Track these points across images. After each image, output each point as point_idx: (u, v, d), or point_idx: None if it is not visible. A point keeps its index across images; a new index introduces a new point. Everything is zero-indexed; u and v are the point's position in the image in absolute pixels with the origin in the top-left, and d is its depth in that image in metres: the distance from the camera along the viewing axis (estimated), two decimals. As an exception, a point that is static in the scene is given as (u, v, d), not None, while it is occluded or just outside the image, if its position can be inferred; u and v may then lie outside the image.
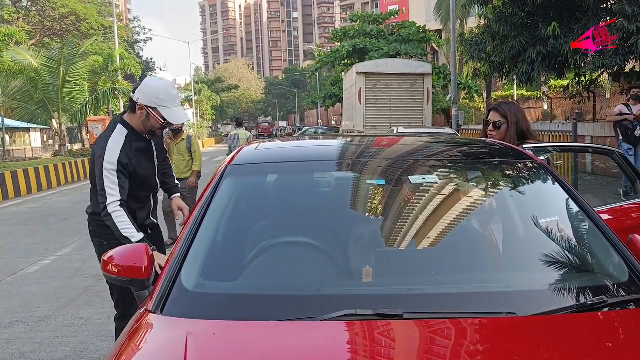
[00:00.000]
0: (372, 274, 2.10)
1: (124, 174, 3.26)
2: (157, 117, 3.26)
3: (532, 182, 2.61)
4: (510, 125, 3.66)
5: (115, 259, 2.25)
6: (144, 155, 3.44)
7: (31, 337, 4.93)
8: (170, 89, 3.32)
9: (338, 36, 34.21)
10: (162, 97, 3.24)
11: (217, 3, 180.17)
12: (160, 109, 3.24)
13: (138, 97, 3.26)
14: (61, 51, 23.13)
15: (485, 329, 1.73)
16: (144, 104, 3.24)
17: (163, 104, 3.24)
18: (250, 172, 2.58)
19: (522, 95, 31.03)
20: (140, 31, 63.69)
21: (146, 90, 3.25)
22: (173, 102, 3.29)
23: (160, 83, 3.34)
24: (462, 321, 1.74)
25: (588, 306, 1.82)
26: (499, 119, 3.68)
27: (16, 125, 30.06)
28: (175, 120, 3.29)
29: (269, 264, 2.23)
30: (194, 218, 2.26)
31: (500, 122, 3.67)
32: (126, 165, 3.27)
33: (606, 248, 2.16)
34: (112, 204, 3.20)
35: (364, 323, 1.72)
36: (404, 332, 1.70)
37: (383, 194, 2.46)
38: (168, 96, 3.26)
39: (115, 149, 3.26)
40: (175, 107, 3.29)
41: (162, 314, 1.85)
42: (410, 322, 1.72)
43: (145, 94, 3.24)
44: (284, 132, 60.08)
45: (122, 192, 3.24)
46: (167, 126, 3.40)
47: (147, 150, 3.48)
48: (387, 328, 1.71)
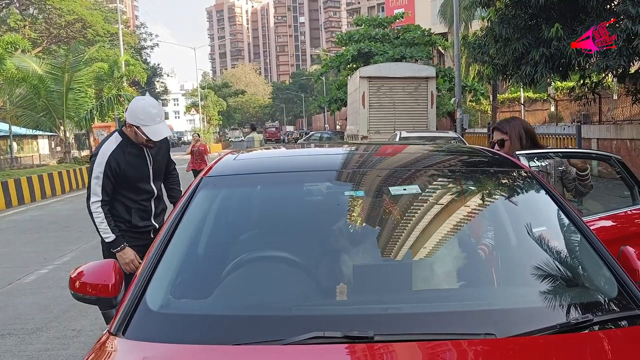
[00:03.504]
0: (347, 292, 2.00)
1: (109, 178, 3.63)
2: (142, 134, 3.61)
3: (520, 192, 2.50)
4: (513, 140, 3.84)
5: (84, 275, 2.16)
6: (136, 160, 3.75)
7: (21, 349, 4.86)
8: (150, 109, 3.64)
9: (343, 40, 34.14)
10: (141, 117, 3.59)
11: (224, 8, 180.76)
12: (142, 127, 3.59)
13: (126, 116, 3.70)
14: (66, 58, 23.16)
15: (461, 352, 1.63)
16: (129, 122, 3.63)
17: (144, 122, 3.59)
18: (226, 184, 2.48)
19: (528, 97, 30.84)
20: (147, 37, 64.08)
21: (130, 111, 3.65)
22: (153, 120, 3.61)
23: (140, 104, 3.67)
24: (436, 344, 1.64)
25: (572, 326, 1.71)
26: (501, 137, 3.88)
27: (24, 132, 30.16)
28: (155, 137, 3.61)
29: (241, 282, 2.14)
30: (164, 232, 2.17)
31: (504, 140, 3.86)
32: (114, 169, 3.63)
33: (594, 261, 2.05)
34: (94, 203, 3.62)
35: (332, 346, 1.62)
36: (374, 356, 1.61)
37: (362, 206, 2.36)
38: (147, 116, 3.60)
39: (106, 154, 3.64)
40: (154, 125, 3.61)
41: (124, 337, 1.76)
42: (381, 346, 1.62)
43: (129, 114, 3.64)
44: (290, 137, 60.18)
45: (104, 193, 3.63)
46: (150, 144, 3.70)
47: (140, 156, 3.77)
48: (356, 352, 1.61)
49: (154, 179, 3.89)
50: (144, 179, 3.82)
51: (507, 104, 33.09)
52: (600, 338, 1.73)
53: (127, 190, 3.76)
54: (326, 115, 62.20)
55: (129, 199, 3.80)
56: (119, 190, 3.75)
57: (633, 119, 16.56)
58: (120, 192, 3.76)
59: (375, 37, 32.57)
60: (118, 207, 3.78)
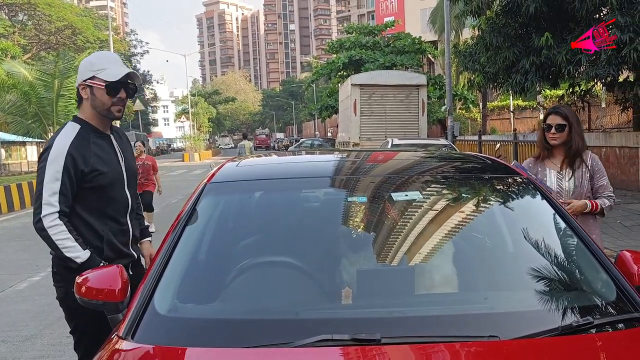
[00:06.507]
0: (352, 296, 2.04)
1: (72, 179, 2.63)
2: (99, 85, 2.72)
3: (520, 198, 2.55)
4: (574, 127, 3.62)
5: (89, 280, 2.18)
6: (105, 153, 2.78)
7: (16, 356, 4.84)
8: (103, 54, 2.92)
9: (334, 48, 34.27)
10: (94, 62, 2.79)
11: (214, 15, 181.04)
12: (98, 73, 2.73)
13: (78, 80, 2.82)
14: (56, 64, 23.08)
15: (466, 354, 1.67)
16: (82, 81, 2.77)
17: (97, 67, 2.75)
18: (230, 190, 2.52)
19: (517, 105, 31.10)
20: (137, 44, 64.03)
21: (80, 68, 2.82)
22: (108, 62, 2.79)
23: (88, 57, 2.91)
24: (442, 346, 1.68)
25: (573, 328, 1.75)
26: (561, 122, 3.62)
27: (12, 139, 29.97)
28: (115, 76, 2.73)
29: (247, 286, 2.17)
30: (171, 237, 2.20)
31: (564, 125, 3.61)
32: (79, 166, 2.65)
33: (593, 265, 2.10)
34: (48, 216, 2.59)
35: (340, 349, 1.66)
36: (381, 358, 1.64)
37: (365, 212, 2.40)
38: (100, 59, 2.82)
39: (64, 146, 2.65)
40: (112, 66, 2.77)
41: (132, 340, 1.79)
42: (388, 348, 1.65)
43: (80, 72, 2.81)
44: (281, 144, 60.20)
45: (62, 201, 2.61)
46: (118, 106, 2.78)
47: (109, 148, 2.82)
48: (364, 354, 1.64)
49: (129, 184, 2.89)
50: (118, 181, 2.81)
51: (497, 111, 33.39)
52: (600, 340, 1.78)
53: (96, 200, 2.73)
54: (317, 122, 62.35)
55: (100, 215, 2.74)
56: (84, 201, 2.71)
57: (621, 127, 16.76)
58: (86, 204, 2.71)
59: (366, 45, 32.73)
60: (82, 230, 2.70)
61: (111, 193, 2.78)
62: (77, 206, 2.70)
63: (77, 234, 2.66)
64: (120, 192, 2.83)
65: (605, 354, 1.73)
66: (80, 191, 2.69)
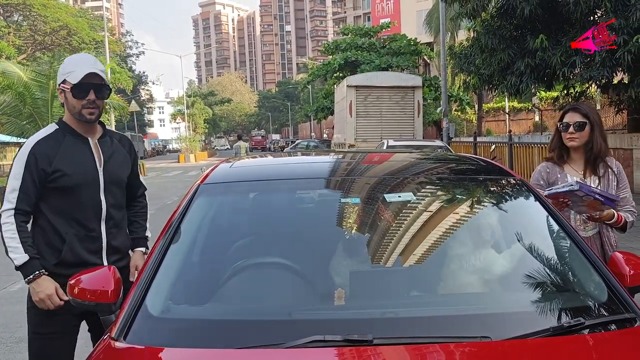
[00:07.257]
0: (345, 297, 2.04)
1: (33, 176, 2.60)
2: (67, 88, 2.69)
3: (513, 200, 2.56)
4: (595, 126, 3.22)
5: (82, 282, 2.18)
6: (77, 155, 2.70)
7: (9, 358, 4.82)
8: (76, 57, 2.86)
9: (330, 49, 34.30)
10: (65, 65, 2.74)
11: (210, 17, 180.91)
12: (67, 76, 2.68)
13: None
14: (51, 65, 23.02)
15: (457, 354, 1.68)
16: (57, 85, 2.75)
17: (67, 70, 2.70)
18: (223, 191, 2.52)
19: (513, 107, 31.19)
20: (132, 45, 63.97)
21: (58, 73, 2.78)
22: (76, 65, 2.71)
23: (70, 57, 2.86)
24: (434, 346, 1.68)
25: (565, 329, 1.76)
26: (580, 120, 3.21)
27: (6, 140, 29.86)
28: (76, 78, 2.64)
29: (240, 287, 2.17)
30: (164, 238, 2.20)
31: (583, 123, 3.20)
32: (40, 164, 2.60)
33: (585, 267, 2.11)
34: (4, 212, 2.59)
35: (332, 350, 1.66)
36: (374, 359, 1.64)
37: (359, 213, 2.40)
38: (70, 62, 2.75)
39: (29, 143, 2.65)
40: (78, 68, 2.67)
41: (125, 341, 1.79)
42: (380, 349, 1.66)
43: (58, 77, 2.76)
44: (277, 145, 60.24)
45: (21, 199, 2.59)
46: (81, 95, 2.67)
47: (84, 151, 2.73)
48: (356, 355, 1.65)
49: (106, 191, 2.75)
50: (89, 185, 2.70)
51: (492, 113, 33.48)
52: (592, 340, 1.79)
53: (62, 201, 2.66)
54: (312, 123, 62.35)
55: (66, 217, 2.67)
56: (49, 201, 2.67)
57: (616, 129, 16.83)
58: (52, 204, 2.67)
59: (361, 47, 32.76)
60: (46, 229, 2.66)
61: (79, 196, 2.68)
62: (43, 205, 2.68)
63: (39, 234, 2.66)
64: (92, 196, 2.72)
65: (596, 355, 1.74)
66: (45, 191, 2.65)
